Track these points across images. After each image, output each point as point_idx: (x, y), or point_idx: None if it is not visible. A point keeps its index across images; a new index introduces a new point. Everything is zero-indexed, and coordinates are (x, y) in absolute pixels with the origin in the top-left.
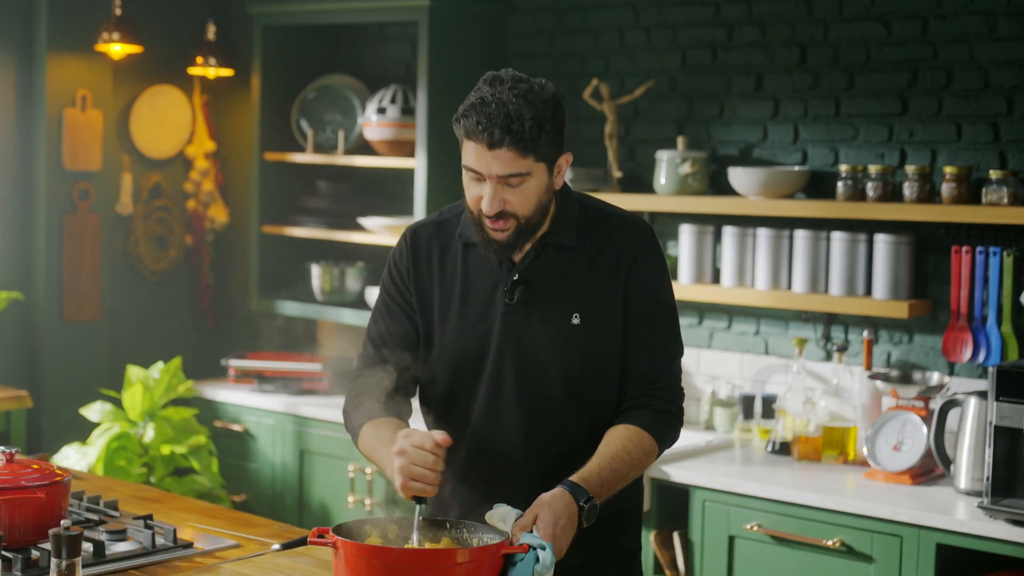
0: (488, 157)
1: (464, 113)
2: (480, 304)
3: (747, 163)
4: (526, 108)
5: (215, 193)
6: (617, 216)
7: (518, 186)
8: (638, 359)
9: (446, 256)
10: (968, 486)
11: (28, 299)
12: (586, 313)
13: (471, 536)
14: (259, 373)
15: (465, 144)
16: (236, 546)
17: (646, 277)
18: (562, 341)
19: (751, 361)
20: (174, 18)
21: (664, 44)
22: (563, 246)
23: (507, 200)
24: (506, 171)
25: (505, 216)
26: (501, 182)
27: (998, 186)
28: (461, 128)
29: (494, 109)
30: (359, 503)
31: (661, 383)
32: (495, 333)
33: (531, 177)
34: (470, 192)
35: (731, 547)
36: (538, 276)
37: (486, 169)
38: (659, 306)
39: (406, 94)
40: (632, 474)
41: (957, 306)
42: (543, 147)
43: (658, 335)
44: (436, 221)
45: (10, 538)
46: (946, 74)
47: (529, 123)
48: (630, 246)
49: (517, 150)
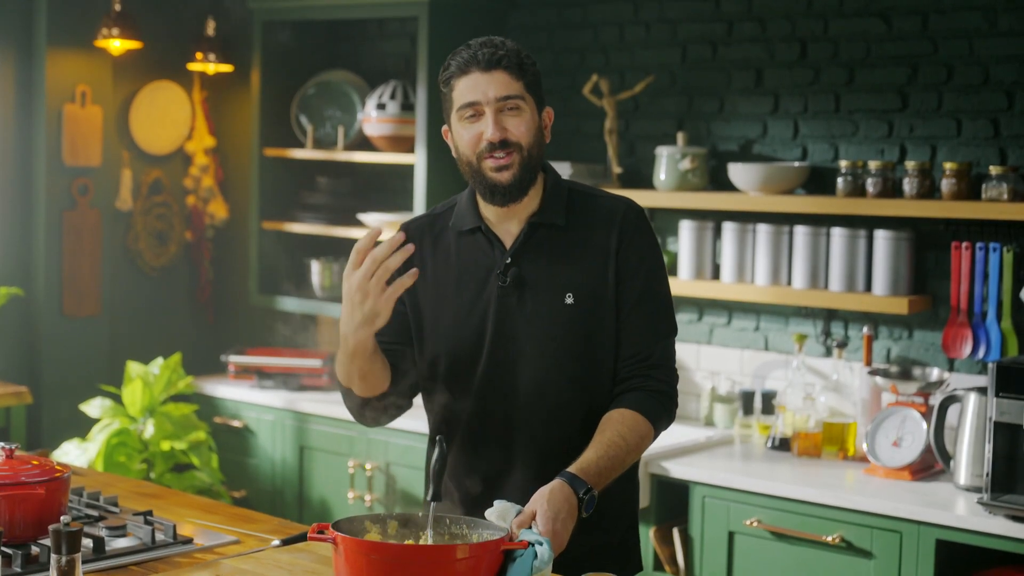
0: (484, 81)
1: (453, 57)
2: (474, 289)
3: (747, 159)
4: (511, 44)
5: (215, 189)
6: (606, 197)
7: (516, 113)
8: (630, 337)
9: (438, 246)
10: (968, 482)
11: (28, 295)
12: (579, 292)
13: (471, 532)
14: (259, 369)
15: (458, 85)
16: (236, 542)
17: (636, 256)
18: (557, 320)
19: (751, 357)
20: (174, 14)
21: (664, 39)
22: (553, 225)
23: (507, 129)
24: (503, 92)
25: (508, 146)
26: (500, 108)
27: (998, 182)
28: (453, 69)
29: (484, 41)
30: (359, 499)
31: (653, 361)
32: (491, 316)
33: (525, 106)
34: (468, 134)
35: (731, 543)
36: (530, 257)
37: (484, 94)
38: (650, 284)
39: (406, 90)
40: (629, 459)
41: (957, 302)
42: (531, 79)
43: (649, 313)
44: (429, 215)
45: (10, 534)
46: (946, 69)
47: (515, 52)
48: (620, 225)
49: (511, 73)
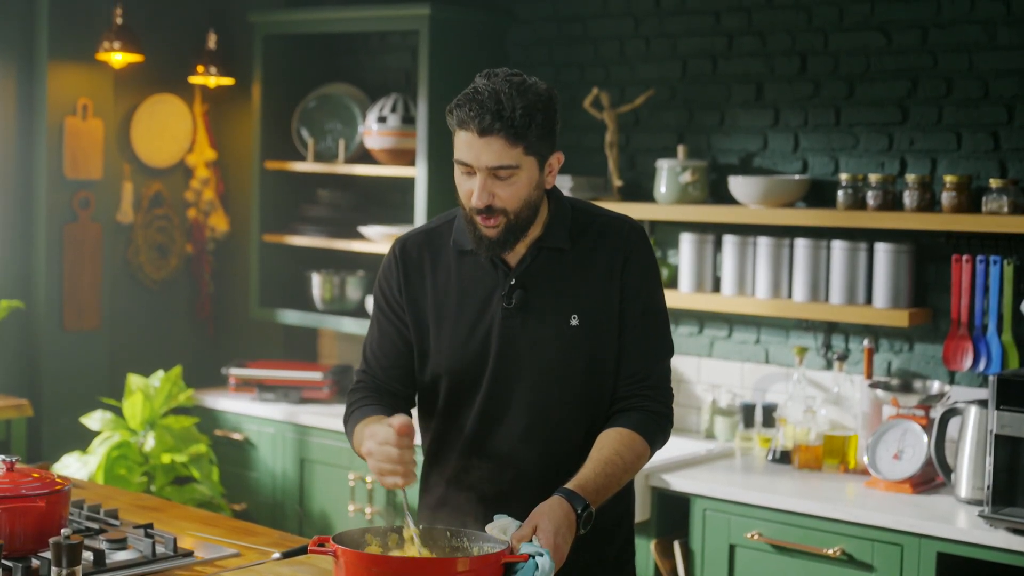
0: (479, 146)
1: (457, 103)
2: (477, 310)
3: (747, 172)
4: (518, 98)
5: (216, 202)
6: (607, 217)
7: (508, 179)
8: (630, 357)
9: (438, 265)
10: (969, 495)
11: (28, 308)
12: (584, 314)
13: (471, 545)
14: (259, 382)
15: (457, 136)
16: (236, 555)
17: (636, 277)
18: (562, 343)
19: (751, 370)
20: (175, 27)
21: (664, 53)
22: (558, 249)
23: (496, 195)
24: (495, 162)
25: (494, 212)
26: (491, 175)
27: (998, 195)
28: (454, 118)
29: (486, 97)
30: (359, 512)
31: (652, 382)
32: (494, 338)
33: (521, 171)
34: (462, 188)
35: (732, 556)
36: (535, 279)
37: (476, 160)
38: (648, 306)
39: (406, 103)
40: (625, 478)
41: (957, 315)
42: (533, 139)
43: (647, 334)
44: (425, 230)
45: (10, 547)
46: (946, 83)
47: (520, 112)
48: (621, 246)
49: (507, 139)
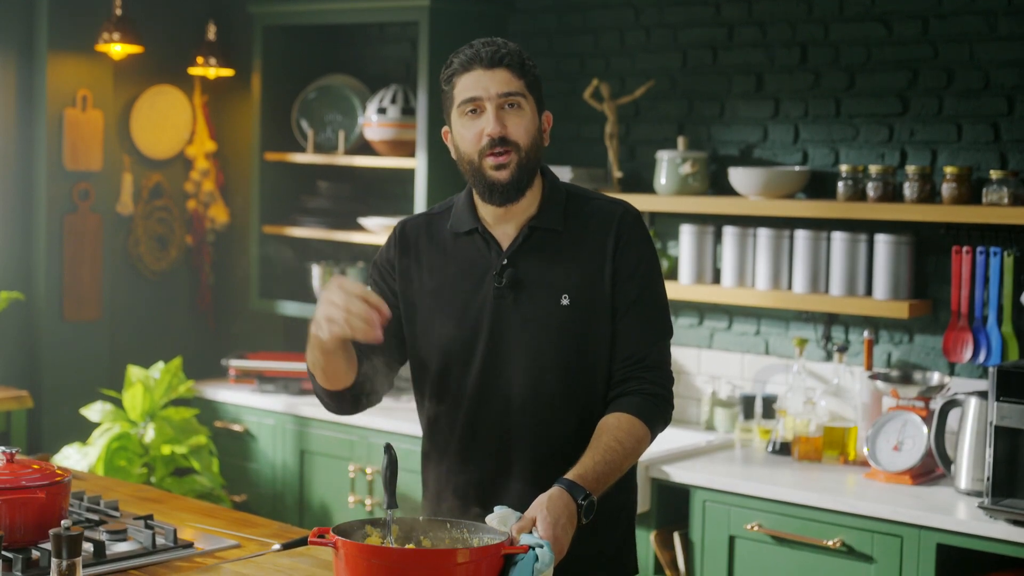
0: (487, 78)
1: (456, 55)
2: (470, 290)
3: (747, 163)
4: (513, 44)
5: (215, 193)
6: (602, 200)
7: (516, 112)
8: (625, 339)
9: (433, 246)
10: (968, 486)
11: (28, 299)
12: (575, 294)
13: (471, 536)
14: (259, 373)
15: (460, 82)
16: (236, 546)
17: (633, 258)
18: (553, 322)
19: (751, 361)
20: (174, 18)
21: (664, 44)
22: (551, 230)
23: (507, 127)
24: (505, 88)
25: (507, 144)
26: (501, 105)
27: (998, 186)
28: (456, 66)
29: (487, 40)
30: (359, 503)
31: (648, 363)
32: (486, 317)
33: (526, 104)
34: (469, 132)
35: (731, 547)
36: (527, 259)
37: (486, 90)
38: (643, 288)
39: (406, 94)
40: (626, 464)
41: (957, 306)
42: (531, 79)
43: (645, 315)
44: (427, 215)
45: (10, 538)
46: (947, 74)
47: (517, 52)
48: (617, 228)
49: (513, 71)
